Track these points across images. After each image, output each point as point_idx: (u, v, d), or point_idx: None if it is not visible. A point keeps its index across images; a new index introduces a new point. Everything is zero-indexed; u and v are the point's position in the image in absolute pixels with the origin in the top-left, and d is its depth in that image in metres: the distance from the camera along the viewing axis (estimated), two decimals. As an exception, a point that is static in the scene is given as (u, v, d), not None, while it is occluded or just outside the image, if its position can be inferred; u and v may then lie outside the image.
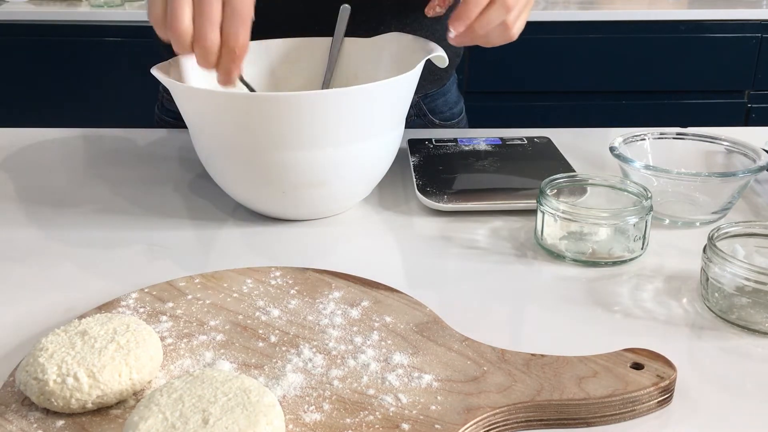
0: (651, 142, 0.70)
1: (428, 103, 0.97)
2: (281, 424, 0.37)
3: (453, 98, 1.01)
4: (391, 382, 0.42)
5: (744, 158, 0.66)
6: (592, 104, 2.10)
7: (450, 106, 1.00)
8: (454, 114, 1.01)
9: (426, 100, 0.96)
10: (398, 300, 0.50)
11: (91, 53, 2.08)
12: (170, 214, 0.68)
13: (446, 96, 0.99)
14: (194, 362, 0.44)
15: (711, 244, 0.50)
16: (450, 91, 1.01)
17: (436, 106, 0.98)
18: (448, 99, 1.00)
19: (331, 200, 0.65)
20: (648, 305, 0.52)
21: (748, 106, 2.11)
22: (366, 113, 0.59)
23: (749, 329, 0.49)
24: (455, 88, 1.03)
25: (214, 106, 0.59)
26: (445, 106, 0.99)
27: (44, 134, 0.90)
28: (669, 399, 0.42)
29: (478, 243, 0.61)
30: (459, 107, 1.03)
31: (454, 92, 1.02)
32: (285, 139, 0.58)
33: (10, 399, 0.41)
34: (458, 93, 1.04)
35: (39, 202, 0.71)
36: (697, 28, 2.02)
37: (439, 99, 0.98)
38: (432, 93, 0.97)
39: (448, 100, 1.00)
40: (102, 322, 0.43)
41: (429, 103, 0.97)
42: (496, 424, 0.40)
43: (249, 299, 0.51)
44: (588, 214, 0.56)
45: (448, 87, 1.00)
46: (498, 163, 0.74)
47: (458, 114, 1.02)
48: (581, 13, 2.02)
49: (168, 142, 0.87)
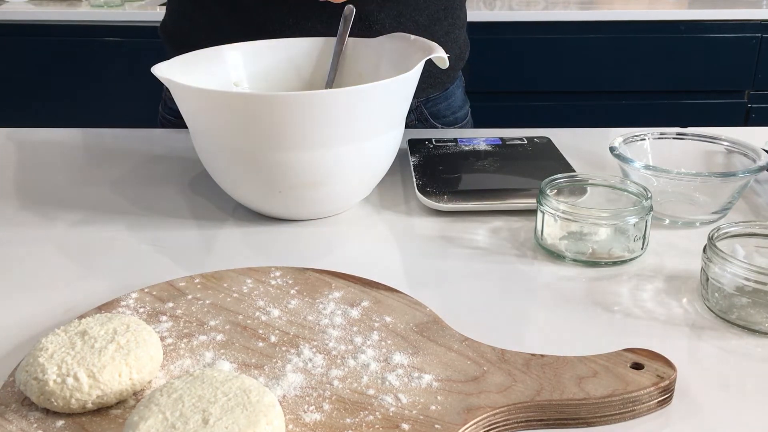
0: (651, 142, 0.70)
1: (430, 108, 0.95)
2: (281, 424, 0.37)
3: (457, 102, 0.99)
4: (391, 382, 0.42)
5: (744, 158, 0.66)
6: (592, 104, 2.10)
7: (453, 111, 0.98)
8: (457, 119, 0.99)
9: (428, 104, 0.95)
10: (398, 300, 0.50)
11: (91, 53, 2.08)
12: (170, 214, 0.68)
13: (449, 100, 0.98)
14: (194, 362, 0.44)
15: (711, 244, 0.50)
16: (454, 95, 0.99)
17: (438, 111, 0.96)
18: (452, 103, 0.98)
19: (331, 200, 0.65)
20: (648, 305, 0.52)
21: (748, 106, 2.11)
22: (366, 113, 0.59)
23: (749, 329, 0.49)
24: (460, 91, 1.01)
25: (214, 106, 0.59)
26: (449, 110, 0.98)
27: (44, 134, 0.90)
28: (669, 399, 0.42)
29: (478, 243, 0.61)
30: (463, 111, 1.01)
31: (458, 96, 1.00)
32: (285, 139, 0.58)
33: (10, 399, 0.41)
34: (464, 97, 1.02)
35: (39, 202, 0.71)
36: (697, 28, 2.02)
37: (442, 103, 0.97)
38: (434, 97, 0.95)
39: (451, 105, 0.98)
40: (102, 322, 0.43)
41: (431, 108, 0.95)
42: (496, 424, 0.40)
43: (249, 299, 0.51)
44: (588, 214, 0.56)
45: (451, 91, 0.98)
46: (498, 163, 0.74)
47: (462, 118, 1.00)
48: (581, 13, 2.02)
49: (168, 141, 0.87)
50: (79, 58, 2.09)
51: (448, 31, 0.91)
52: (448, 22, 0.91)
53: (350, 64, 0.76)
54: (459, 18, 0.94)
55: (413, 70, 0.61)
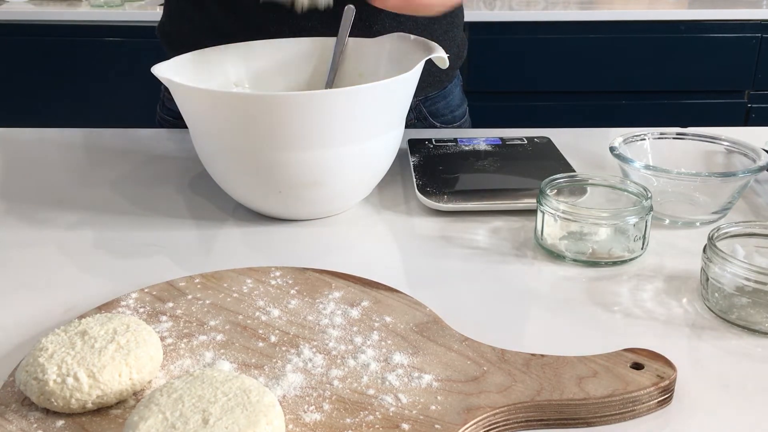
0: (651, 142, 0.70)
1: (429, 106, 0.96)
2: (281, 424, 0.37)
3: (455, 101, 1.00)
4: (391, 382, 0.42)
5: (744, 158, 0.66)
6: (592, 104, 2.11)
7: (452, 109, 0.99)
8: (456, 117, 1.00)
9: (426, 103, 0.95)
10: (398, 300, 0.50)
11: (91, 53, 2.08)
12: (170, 214, 0.68)
13: (448, 99, 0.98)
14: (194, 362, 0.44)
15: (711, 244, 0.50)
16: (452, 94, 0.99)
17: (437, 109, 0.97)
18: (450, 102, 0.98)
19: (331, 200, 0.65)
20: (648, 305, 0.52)
21: (748, 106, 2.11)
22: (366, 113, 0.59)
23: (749, 329, 0.49)
24: (458, 90, 1.02)
25: (214, 106, 0.59)
26: (447, 108, 0.98)
27: (44, 134, 0.90)
28: (669, 399, 0.42)
29: (478, 243, 0.61)
30: (462, 110, 1.01)
31: (456, 94, 1.01)
32: (285, 138, 0.58)
33: (10, 399, 0.41)
34: (462, 95, 1.03)
35: (39, 202, 0.71)
36: (697, 28, 2.02)
37: (441, 102, 0.97)
38: (433, 95, 0.96)
39: (450, 103, 0.98)
40: (102, 322, 0.43)
41: (429, 106, 0.96)
42: (496, 424, 0.40)
43: (249, 299, 0.51)
44: (588, 214, 0.56)
45: (450, 89, 0.98)
46: (498, 163, 0.74)
47: (460, 117, 1.01)
48: (581, 13, 2.02)
49: (168, 142, 0.87)
50: (79, 58, 2.09)
51: (447, 29, 0.91)
52: (447, 21, 0.92)
53: (350, 64, 0.76)
54: (457, 17, 0.94)
55: (413, 70, 0.61)
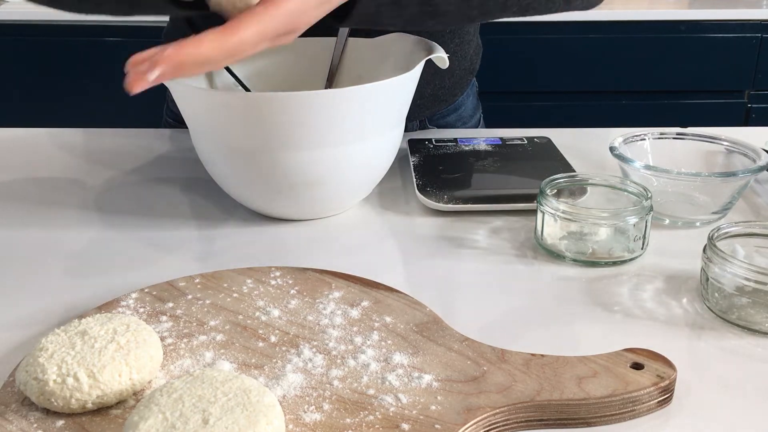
0: (651, 142, 0.70)
1: (437, 120, 0.91)
2: (281, 424, 0.37)
3: (467, 111, 0.94)
4: (391, 382, 0.42)
5: (744, 158, 0.66)
6: (592, 104, 2.10)
7: (464, 121, 0.94)
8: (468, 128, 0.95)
9: (435, 117, 0.91)
10: (398, 300, 0.50)
11: (92, 53, 2.08)
12: (170, 214, 0.68)
13: (459, 111, 0.93)
14: (194, 362, 0.44)
15: (711, 244, 0.50)
16: (464, 105, 0.94)
17: (446, 123, 0.92)
18: (462, 113, 0.94)
19: (331, 200, 0.65)
20: (648, 305, 0.52)
21: (748, 106, 2.11)
22: (366, 113, 0.59)
23: (749, 329, 0.49)
24: (471, 99, 0.96)
25: (214, 106, 0.59)
26: (459, 121, 0.93)
27: (44, 134, 0.90)
28: (669, 399, 0.42)
29: (478, 243, 0.61)
30: (475, 119, 0.96)
31: (469, 105, 0.95)
32: (285, 139, 0.58)
33: (10, 399, 0.41)
34: (476, 103, 0.97)
35: (38, 202, 0.71)
36: (697, 28, 2.02)
37: (451, 114, 0.92)
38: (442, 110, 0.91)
39: (461, 115, 0.94)
40: (102, 322, 0.43)
41: (438, 119, 0.91)
42: (496, 424, 0.40)
43: (249, 299, 0.51)
44: (588, 214, 0.56)
45: (461, 101, 0.93)
46: (498, 163, 0.74)
47: (473, 127, 0.96)
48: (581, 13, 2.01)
49: (168, 142, 0.87)
50: (80, 58, 2.09)
51: (455, 51, 0.87)
52: (458, 38, 0.87)
53: (350, 64, 0.76)
54: (468, 33, 0.88)
55: (413, 70, 0.61)
